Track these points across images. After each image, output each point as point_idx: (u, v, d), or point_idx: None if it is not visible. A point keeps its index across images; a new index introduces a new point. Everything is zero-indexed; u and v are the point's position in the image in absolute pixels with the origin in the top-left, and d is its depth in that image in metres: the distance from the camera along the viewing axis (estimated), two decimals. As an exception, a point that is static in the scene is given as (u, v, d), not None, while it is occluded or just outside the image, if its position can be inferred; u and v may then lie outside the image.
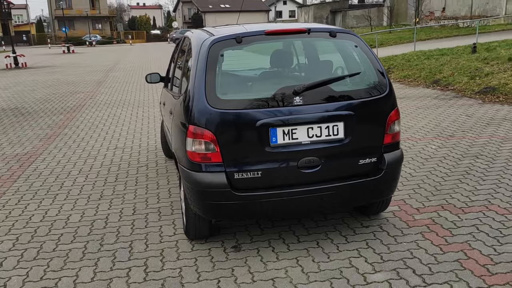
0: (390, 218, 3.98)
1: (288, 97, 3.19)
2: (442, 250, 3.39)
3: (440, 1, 34.02)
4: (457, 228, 3.73)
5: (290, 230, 3.84)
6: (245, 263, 3.36)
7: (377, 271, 3.16)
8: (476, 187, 4.59)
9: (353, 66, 3.47)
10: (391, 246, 3.50)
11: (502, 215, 3.93)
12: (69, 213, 4.43)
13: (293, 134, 3.20)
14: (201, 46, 3.38)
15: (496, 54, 12.97)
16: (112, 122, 8.97)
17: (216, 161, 3.19)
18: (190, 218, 3.53)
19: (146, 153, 6.56)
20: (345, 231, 3.79)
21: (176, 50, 4.99)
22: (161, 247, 3.67)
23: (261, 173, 3.20)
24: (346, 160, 3.33)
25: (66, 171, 5.81)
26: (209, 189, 3.20)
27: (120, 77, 17.90)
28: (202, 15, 74.02)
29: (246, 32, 3.40)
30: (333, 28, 3.57)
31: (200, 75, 3.22)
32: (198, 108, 3.18)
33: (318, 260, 3.35)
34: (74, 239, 3.87)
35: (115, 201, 4.70)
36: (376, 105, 3.37)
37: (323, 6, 49.55)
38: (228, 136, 3.16)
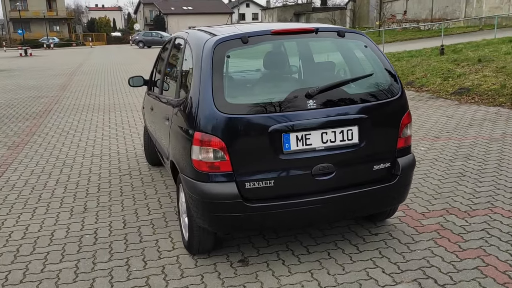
0: (397, 224, 3.85)
1: (301, 100, 3.00)
2: (459, 257, 3.28)
3: (401, 5, 34.80)
4: (467, 233, 3.64)
5: (296, 241, 3.64)
6: (256, 278, 3.14)
7: (397, 283, 3.01)
8: (475, 189, 4.53)
9: (364, 67, 3.32)
10: (405, 254, 3.36)
11: (508, 218, 3.87)
12: (52, 229, 4.08)
13: (307, 139, 3.01)
14: (204, 47, 3.14)
15: (464, 56, 13.25)
16: (84, 128, 8.54)
17: (225, 170, 2.96)
18: (194, 231, 3.27)
19: (126, 160, 6.22)
20: (354, 239, 3.63)
21: (164, 52, 4.71)
22: (161, 263, 3.40)
23: (273, 181, 2.99)
24: (361, 166, 3.17)
25: (42, 182, 5.41)
26: (218, 201, 2.97)
27: (85, 80, 17.26)
28: (164, 18, 73.08)
29: (252, 32, 3.19)
30: (341, 27, 3.41)
31: (206, 78, 2.98)
32: (206, 114, 2.94)
33: (333, 272, 3.17)
34: (63, 258, 3.54)
35: (101, 214, 4.37)
36: (389, 107, 3.22)
37: (286, 8, 49.78)
38: (239, 143, 2.94)
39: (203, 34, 3.45)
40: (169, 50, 4.36)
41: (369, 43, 3.39)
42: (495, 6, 26.39)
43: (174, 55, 4.23)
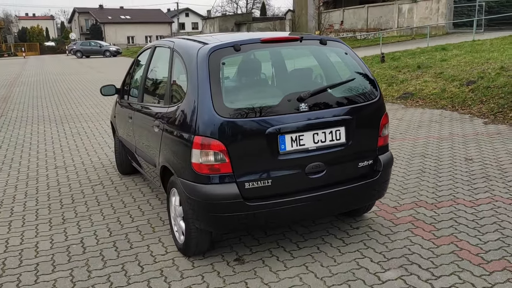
0: (375, 218, 4.14)
1: (294, 103, 3.21)
2: (435, 244, 3.60)
3: (338, 15, 36.17)
4: (438, 222, 3.99)
5: (285, 238, 3.83)
6: (256, 274, 3.29)
7: (386, 270, 3.27)
8: (437, 184, 4.94)
9: (346, 72, 3.58)
10: (388, 244, 3.64)
11: (471, 207, 4.28)
12: (35, 241, 4.01)
13: (301, 140, 3.22)
14: (198, 55, 3.28)
15: (404, 63, 14.08)
16: (39, 140, 8.28)
17: (226, 171, 3.10)
18: (192, 234, 3.37)
19: (94, 170, 6.15)
20: (339, 234, 3.87)
21: (141, 61, 4.76)
22: (158, 267, 3.47)
23: (271, 181, 3.17)
24: (348, 164, 3.42)
25: (9, 196, 5.25)
26: (220, 201, 3.10)
27: (27, 91, 16.57)
28: (101, 27, 71.30)
29: (243, 40, 3.37)
30: (322, 36, 3.66)
31: (204, 84, 3.12)
32: (206, 118, 3.07)
33: (326, 264, 3.38)
34: (55, 268, 3.51)
35: (83, 224, 4.34)
36: (370, 109, 3.50)
37: (228, 18, 50.21)
38: (238, 145, 3.10)
39: (192, 43, 3.57)
40: (148, 59, 4.42)
41: (348, 50, 3.66)
42: (424, 17, 28.13)
43: (157, 63, 4.30)
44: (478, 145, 6.43)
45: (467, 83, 10.03)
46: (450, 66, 12.08)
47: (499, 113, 8.23)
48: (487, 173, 5.22)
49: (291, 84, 3.51)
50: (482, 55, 12.95)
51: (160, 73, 4.21)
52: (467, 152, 6.11)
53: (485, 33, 22.02)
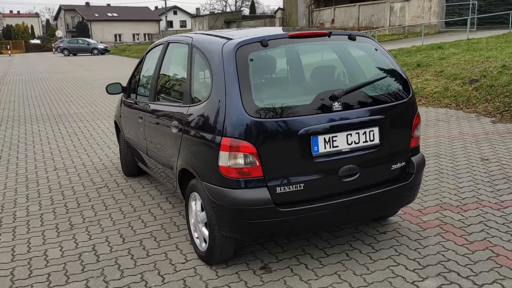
0: (401, 222, 3.97)
1: (327, 102, 3.02)
2: (470, 250, 3.44)
3: (329, 14, 36.09)
4: (467, 226, 3.83)
5: (310, 244, 3.64)
6: (286, 284, 3.09)
7: (424, 278, 3.09)
8: (457, 185, 4.79)
9: (377, 69, 3.40)
10: (420, 250, 3.47)
11: (498, 210, 4.13)
12: (43, 248, 3.77)
13: (334, 141, 3.03)
14: (223, 51, 3.07)
15: (402, 61, 13.96)
16: (34, 140, 7.98)
17: (256, 175, 2.89)
18: (217, 241, 3.16)
19: (96, 172, 5.89)
20: (366, 239, 3.69)
21: (151, 59, 4.52)
22: (180, 276, 3.25)
23: (303, 185, 2.98)
24: (381, 166, 3.25)
25: (10, 199, 4.98)
26: (250, 207, 2.90)
27: (15, 90, 16.16)
28: (88, 24, 70.43)
29: (271, 35, 3.16)
30: (351, 31, 3.48)
31: (232, 82, 2.91)
32: (234, 118, 2.86)
33: (359, 272, 3.20)
34: (68, 279, 3.28)
35: (92, 230, 4.11)
36: (403, 108, 3.33)
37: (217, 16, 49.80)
38: (269, 147, 2.89)
39: (215, 38, 3.36)
40: (160, 56, 4.18)
41: (378, 46, 3.48)
42: (417, 15, 28.16)
43: (172, 61, 4.08)
44: (491, 144, 6.30)
45: (470, 82, 9.93)
46: (450, 64, 12.00)
47: (506, 112, 8.13)
48: (507, 173, 5.09)
49: (322, 81, 3.31)
50: (481, 53, 12.89)
51: (176, 70, 3.99)
52: (481, 152, 5.98)
53: (478, 32, 22.08)
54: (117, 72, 22.87)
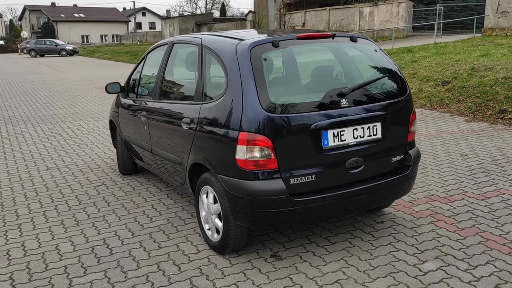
0: (395, 212, 4.24)
1: (335, 99, 3.24)
2: (461, 236, 3.73)
3: (300, 17, 36.63)
4: (457, 215, 4.14)
5: (314, 234, 3.86)
6: (297, 270, 3.30)
7: (424, 261, 3.36)
8: (443, 179, 5.11)
9: (378, 69, 3.65)
10: (416, 237, 3.74)
11: (482, 200, 4.46)
12: (54, 243, 3.85)
13: (342, 136, 3.26)
14: (237, 51, 3.25)
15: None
16: (19, 141, 7.92)
17: (272, 167, 3.09)
18: (231, 231, 3.34)
19: (90, 171, 5.95)
20: (366, 228, 3.94)
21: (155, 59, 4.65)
22: (195, 265, 3.41)
23: (314, 176, 3.19)
24: (383, 159, 3.50)
25: (8, 198, 5.00)
26: (266, 197, 3.09)
27: (-13, 91, 15.79)
28: (54, 25, 68.92)
29: (281, 36, 3.37)
30: (352, 34, 3.72)
31: (248, 80, 3.10)
32: (251, 114, 3.05)
33: (364, 258, 3.44)
34: (86, 270, 3.39)
35: (99, 225, 4.20)
36: (402, 105, 3.59)
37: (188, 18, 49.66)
38: (283, 141, 3.10)
39: (227, 39, 3.54)
40: (165, 56, 4.32)
41: (377, 47, 3.74)
42: (385, 20, 28.98)
43: (179, 61, 4.23)
44: (467, 141, 6.70)
45: (442, 83, 10.42)
46: (422, 67, 12.50)
47: (478, 111, 8.60)
48: (485, 168, 5.45)
49: (330, 79, 3.54)
50: (450, 56, 13.48)
51: (184, 70, 4.13)
52: (459, 148, 6.35)
53: (443, 36, 22.95)
54: (91, 73, 22.62)
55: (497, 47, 14.83)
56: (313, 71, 3.61)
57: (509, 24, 20.08)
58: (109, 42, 70.22)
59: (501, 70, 10.28)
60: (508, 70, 10.13)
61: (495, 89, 9.18)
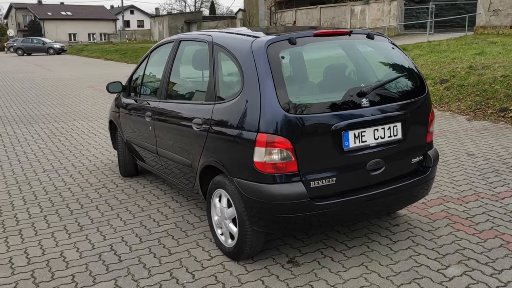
0: (410, 215, 4.14)
1: (356, 98, 3.12)
2: (481, 238, 3.63)
3: (291, 15, 36.53)
4: (473, 217, 4.04)
5: (329, 238, 3.74)
6: (317, 276, 3.17)
7: (447, 266, 3.25)
8: (453, 179, 5.02)
9: (397, 67, 3.53)
10: (435, 240, 3.63)
11: (496, 201, 4.37)
12: (58, 250, 3.68)
13: (363, 136, 3.13)
14: (253, 48, 3.11)
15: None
16: (12, 141, 7.69)
17: (292, 170, 2.96)
18: (247, 236, 3.20)
19: (89, 174, 5.77)
20: (382, 232, 3.82)
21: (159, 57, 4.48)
22: (210, 272, 3.27)
23: (335, 179, 3.06)
24: (403, 160, 3.38)
25: (6, 202, 4.80)
26: (286, 201, 2.95)
27: (-25, 91, 15.44)
28: (41, 23, 68.04)
29: (298, 34, 3.24)
30: (369, 31, 3.60)
31: (265, 79, 2.96)
32: (270, 114, 2.91)
33: (385, 263, 3.32)
34: (95, 279, 3.22)
35: (104, 230, 4.04)
36: (421, 105, 3.48)
37: (177, 16, 49.26)
38: (304, 142, 2.96)
39: (240, 36, 3.40)
40: (171, 55, 4.15)
41: (393, 45, 3.62)
42: (376, 18, 28.99)
43: (187, 59, 4.06)
44: (472, 140, 6.63)
45: (441, 82, 10.37)
46: (418, 65, 12.44)
47: (478, 110, 8.55)
48: (494, 167, 5.38)
49: (349, 78, 3.42)
50: (445, 54, 13.46)
51: (193, 68, 3.97)
52: (465, 147, 6.28)
53: (435, 35, 22.99)
54: (81, 72, 22.28)
55: (491, 45, 14.87)
56: (331, 69, 3.48)
57: (501, 22, 20.18)
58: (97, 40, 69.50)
59: (498, 68, 10.27)
60: (506, 69, 10.12)
61: (494, 87, 9.15)
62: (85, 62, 30.51)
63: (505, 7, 19.96)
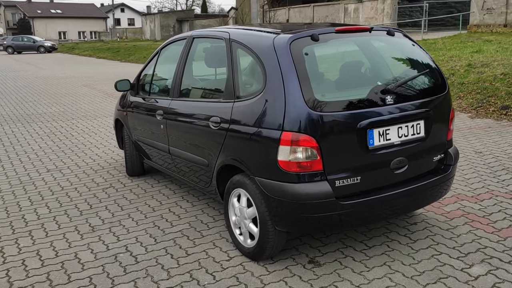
0: (426, 213, 4.11)
1: (380, 96, 3.07)
2: (501, 237, 3.61)
3: (284, 14, 36.50)
4: (490, 215, 4.02)
5: (348, 237, 3.69)
6: (340, 277, 3.12)
7: (470, 265, 3.22)
8: (464, 177, 5.00)
9: (419, 64, 3.49)
10: (456, 239, 3.60)
11: (510, 199, 4.36)
12: (72, 251, 3.59)
13: (387, 134, 3.09)
14: (275, 45, 3.05)
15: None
16: (11, 141, 7.56)
17: (317, 169, 2.90)
18: (269, 236, 3.14)
19: (94, 173, 5.67)
20: (401, 231, 3.79)
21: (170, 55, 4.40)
22: (230, 274, 3.20)
23: (360, 177, 3.01)
24: (425, 158, 3.35)
25: (12, 202, 4.70)
26: (311, 201, 2.90)
27: (-32, 89, 15.20)
28: (30, 21, 67.31)
29: (320, 30, 3.18)
30: (389, 27, 3.56)
31: (290, 76, 2.90)
32: (295, 113, 2.86)
33: (407, 262, 3.28)
34: (114, 281, 3.15)
35: (117, 231, 3.96)
36: (442, 102, 3.45)
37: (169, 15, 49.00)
38: (329, 140, 2.91)
39: (260, 33, 3.34)
40: (184, 52, 4.06)
41: (414, 41, 3.58)
42: (370, 17, 29.04)
43: (202, 56, 3.99)
44: (478, 138, 6.63)
45: (440, 80, 10.37)
46: (416, 63, 12.45)
47: (480, 107, 8.57)
48: (504, 165, 5.37)
49: (372, 75, 3.37)
50: (443, 53, 13.50)
51: (209, 66, 3.90)
52: (472, 145, 6.27)
53: (429, 33, 23.10)
54: (74, 70, 22.05)
55: (487, 43, 14.95)
56: (354, 66, 3.43)
57: (495, 21, 20.30)
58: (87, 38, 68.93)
59: (498, 66, 10.31)
60: (506, 66, 10.16)
61: (495, 85, 9.17)
62: (77, 61, 30.22)
63: (498, 6, 20.08)
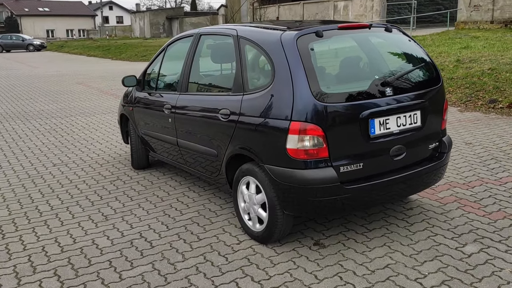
0: (421, 199, 4.36)
1: (381, 88, 3.31)
2: (492, 219, 3.87)
3: (274, 11, 36.72)
4: (481, 200, 4.29)
5: (349, 222, 3.93)
6: (345, 256, 3.36)
7: (464, 245, 3.47)
8: (456, 166, 5.27)
9: (415, 58, 3.74)
10: (450, 222, 3.86)
11: (500, 185, 4.63)
12: (89, 238, 3.79)
13: (387, 124, 3.33)
14: (282, 41, 3.28)
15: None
16: (13, 137, 7.69)
17: (323, 156, 3.14)
18: (278, 220, 3.37)
19: (100, 167, 5.85)
20: (398, 215, 4.03)
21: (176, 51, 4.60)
22: (242, 255, 3.43)
23: (362, 164, 3.25)
24: (422, 146, 3.59)
25: (24, 195, 4.87)
26: (318, 185, 3.13)
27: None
28: (18, 19, 66.68)
29: (323, 27, 3.41)
30: (387, 24, 3.80)
31: (297, 70, 3.12)
32: (302, 104, 3.09)
33: (406, 243, 3.53)
34: (132, 264, 3.36)
35: (129, 219, 4.16)
36: (437, 94, 3.69)
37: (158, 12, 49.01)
38: (335, 130, 3.14)
39: (267, 30, 3.56)
40: (191, 49, 4.27)
41: (410, 37, 3.83)
42: (359, 14, 29.39)
43: (210, 52, 4.20)
44: (467, 130, 6.91)
45: (430, 75, 10.66)
46: (407, 59, 12.75)
47: (469, 101, 8.87)
48: (493, 155, 5.65)
49: (372, 68, 3.61)
50: (432, 49, 13.82)
51: (218, 61, 4.11)
52: (462, 137, 6.55)
53: (417, 30, 23.46)
54: (66, 68, 22.06)
55: (474, 39, 15.30)
56: (355, 60, 3.66)
57: (481, 17, 20.71)
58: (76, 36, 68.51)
59: (485, 62, 10.63)
60: (493, 62, 10.49)
61: (482, 80, 9.49)
62: (67, 59, 30.16)
63: (485, 3, 20.49)
